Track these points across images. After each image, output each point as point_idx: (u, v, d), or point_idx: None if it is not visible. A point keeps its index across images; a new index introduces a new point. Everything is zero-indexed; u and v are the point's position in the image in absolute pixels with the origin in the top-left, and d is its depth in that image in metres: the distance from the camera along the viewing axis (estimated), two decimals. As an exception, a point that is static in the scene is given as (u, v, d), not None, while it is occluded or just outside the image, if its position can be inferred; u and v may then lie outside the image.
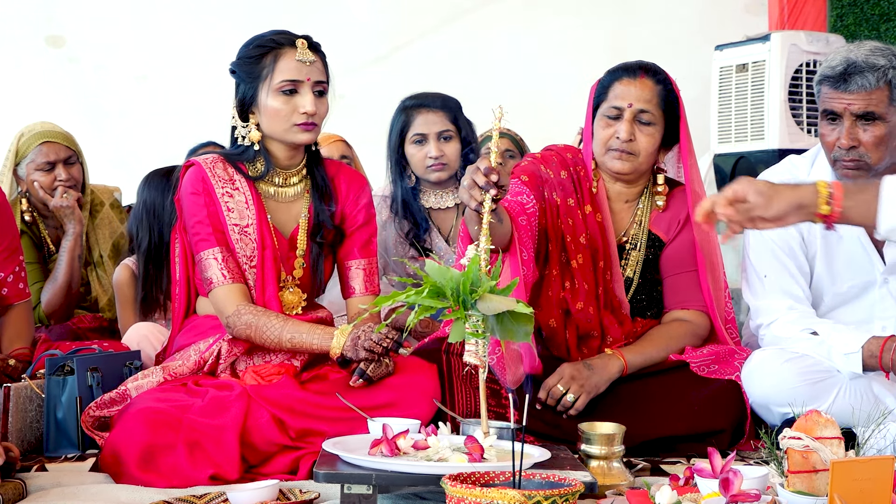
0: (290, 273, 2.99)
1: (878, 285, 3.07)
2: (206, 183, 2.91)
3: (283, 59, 2.90)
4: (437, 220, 3.86)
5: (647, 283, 3.22)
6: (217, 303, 2.89)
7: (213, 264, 2.88)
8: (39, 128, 4.01)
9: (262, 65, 2.91)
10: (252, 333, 2.84)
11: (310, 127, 2.92)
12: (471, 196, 2.49)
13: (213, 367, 2.90)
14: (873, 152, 2.93)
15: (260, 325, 2.83)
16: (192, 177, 2.94)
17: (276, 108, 2.90)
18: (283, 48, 2.91)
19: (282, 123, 2.91)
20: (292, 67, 2.89)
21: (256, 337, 2.84)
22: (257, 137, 2.95)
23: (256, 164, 2.98)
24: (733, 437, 3.00)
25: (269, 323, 2.84)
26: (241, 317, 2.84)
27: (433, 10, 6.43)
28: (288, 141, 2.94)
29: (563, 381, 2.95)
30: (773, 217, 2.53)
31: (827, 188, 2.53)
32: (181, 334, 3.02)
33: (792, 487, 2.13)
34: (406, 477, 2.25)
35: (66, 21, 6.27)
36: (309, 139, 2.95)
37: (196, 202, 2.91)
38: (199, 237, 2.90)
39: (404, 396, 2.78)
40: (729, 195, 2.54)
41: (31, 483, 2.51)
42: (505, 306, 2.20)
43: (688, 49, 5.73)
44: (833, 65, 2.94)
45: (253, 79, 2.93)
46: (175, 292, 3.07)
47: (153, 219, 3.78)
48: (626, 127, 3.09)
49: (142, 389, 2.85)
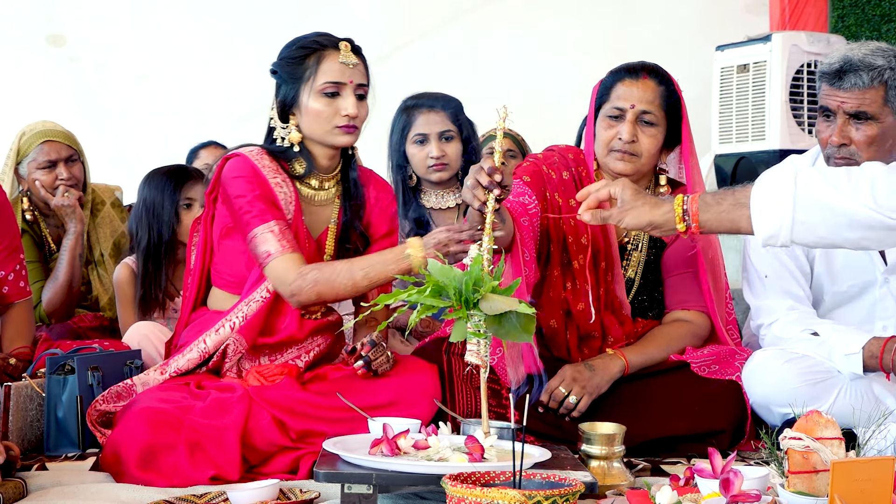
0: None
1: (878, 285, 3.07)
2: (256, 169, 2.89)
3: (326, 61, 2.89)
4: (438, 220, 3.86)
5: (649, 283, 3.22)
6: (277, 273, 2.82)
7: (270, 237, 2.83)
8: (41, 127, 4.01)
9: (304, 66, 2.90)
10: (322, 288, 2.79)
11: (351, 129, 2.91)
12: (474, 196, 2.49)
13: (217, 363, 2.89)
14: (864, 151, 2.93)
15: (328, 275, 2.79)
16: (239, 164, 2.90)
17: (317, 109, 2.89)
18: (327, 50, 2.89)
19: (323, 125, 2.90)
20: (335, 69, 2.88)
21: (328, 289, 2.79)
22: (297, 139, 2.93)
23: (295, 164, 2.96)
24: (734, 438, 3.00)
25: (336, 269, 2.80)
26: (305, 276, 2.79)
27: (434, 10, 6.43)
28: (328, 143, 2.93)
29: (565, 383, 2.95)
30: (624, 227, 2.65)
31: (682, 206, 2.58)
32: (189, 329, 3.02)
33: (792, 488, 2.13)
34: (406, 477, 2.25)
35: (67, 20, 6.28)
36: (349, 141, 2.94)
37: (246, 184, 2.87)
38: (252, 214, 2.85)
39: (405, 396, 2.78)
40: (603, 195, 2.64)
41: (32, 482, 2.51)
42: (507, 306, 2.20)
43: (689, 49, 5.73)
44: (831, 62, 2.95)
45: (295, 80, 2.91)
46: (187, 282, 3.07)
47: (153, 218, 3.78)
48: (629, 128, 3.09)
49: (148, 385, 2.85)
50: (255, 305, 2.89)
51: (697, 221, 2.57)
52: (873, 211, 2.45)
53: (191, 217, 3.78)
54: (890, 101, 2.90)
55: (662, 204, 2.61)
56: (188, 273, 3.07)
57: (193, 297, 3.05)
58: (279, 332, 2.92)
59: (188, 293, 3.06)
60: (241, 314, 2.89)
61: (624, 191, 2.63)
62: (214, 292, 3.04)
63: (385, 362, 2.82)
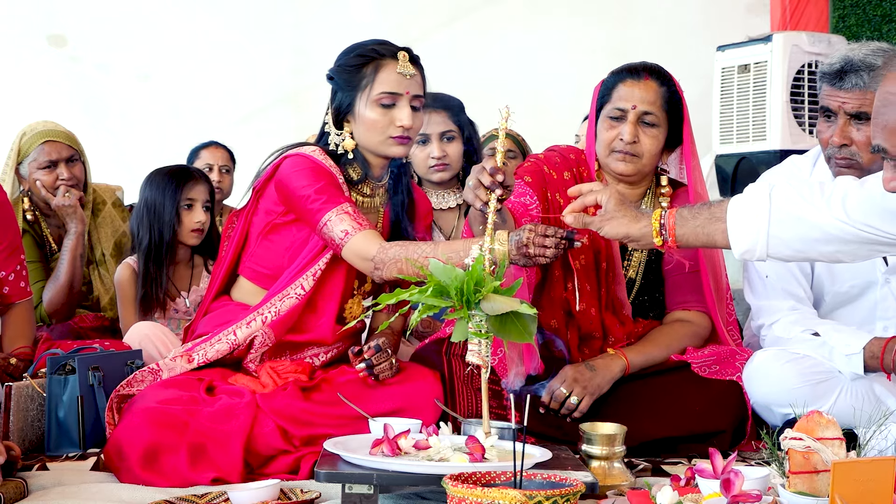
0: (363, 284, 2.99)
1: (879, 285, 3.07)
2: (320, 164, 2.87)
3: (383, 71, 2.86)
4: (438, 221, 3.86)
5: (650, 284, 3.22)
6: (358, 248, 2.78)
7: (346, 217, 2.80)
8: (41, 127, 4.01)
9: (361, 74, 2.88)
10: (405, 267, 2.73)
11: (405, 140, 2.89)
12: (476, 196, 2.48)
13: (242, 353, 2.89)
14: (865, 152, 2.93)
15: (411, 254, 2.74)
16: (301, 160, 2.88)
17: (373, 119, 2.87)
18: (385, 59, 2.87)
19: (377, 135, 2.88)
20: (393, 80, 2.86)
21: (408, 267, 2.72)
22: (351, 146, 2.92)
23: (350, 171, 2.95)
24: (734, 438, 3.00)
25: (420, 249, 2.75)
26: (387, 252, 2.75)
27: (435, 10, 6.44)
28: (381, 153, 2.92)
29: (566, 384, 2.94)
30: (604, 235, 2.69)
31: (659, 220, 2.62)
32: (209, 317, 3.02)
33: (793, 488, 2.13)
34: (407, 477, 2.25)
35: (68, 20, 6.28)
36: (403, 153, 2.92)
37: (311, 174, 2.85)
38: (322, 201, 2.83)
39: (409, 404, 2.78)
40: (589, 201, 2.67)
41: (33, 482, 2.51)
42: (509, 307, 2.20)
43: (689, 49, 5.73)
44: (832, 62, 2.95)
45: (351, 88, 2.89)
46: (215, 271, 3.09)
47: (154, 218, 3.78)
48: (630, 129, 3.09)
49: (174, 371, 2.85)
50: (290, 302, 2.88)
51: (674, 236, 2.61)
52: (846, 224, 2.49)
53: (191, 217, 3.78)
54: None
55: (641, 217, 2.65)
56: (218, 262, 3.08)
57: (218, 286, 3.05)
58: (310, 332, 2.93)
59: (213, 281, 3.07)
60: (273, 309, 2.87)
61: (609, 200, 2.66)
62: (241, 283, 3.04)
63: (387, 369, 2.82)
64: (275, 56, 6.29)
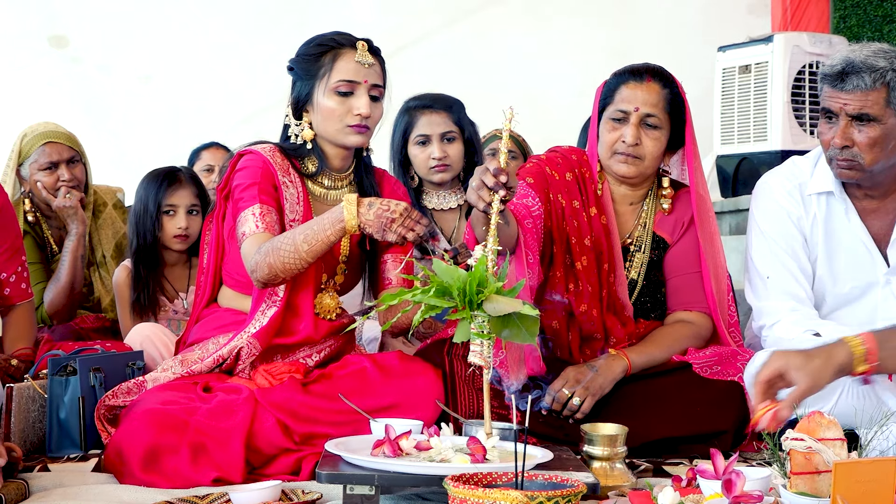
0: (332, 277, 2.98)
1: (880, 286, 3.07)
2: (267, 164, 2.87)
3: (341, 59, 2.88)
4: (439, 221, 3.86)
5: (652, 285, 3.21)
6: (244, 253, 2.79)
7: (251, 218, 2.80)
8: (42, 128, 4.01)
9: (320, 63, 2.89)
10: (272, 259, 2.72)
11: (362, 129, 2.89)
12: (479, 197, 2.48)
13: (230, 365, 2.89)
14: (867, 153, 2.93)
15: (275, 244, 2.72)
16: (250, 159, 2.89)
17: (330, 107, 2.88)
18: (344, 48, 2.88)
19: (335, 124, 2.89)
20: (351, 68, 2.87)
21: (276, 260, 2.72)
22: (310, 136, 2.93)
23: (307, 163, 2.96)
24: (736, 439, 2.99)
25: (282, 238, 2.73)
26: (260, 251, 2.75)
27: (436, 11, 6.45)
28: (339, 142, 2.92)
29: (568, 385, 2.94)
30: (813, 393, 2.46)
31: (861, 346, 2.51)
32: (200, 325, 3.02)
33: (794, 489, 2.13)
34: (408, 478, 2.26)
35: (69, 21, 6.29)
36: (360, 142, 2.92)
37: (250, 174, 2.85)
38: (244, 200, 2.84)
39: (408, 399, 2.78)
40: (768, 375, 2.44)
41: (34, 483, 2.51)
42: (511, 308, 2.20)
43: (690, 50, 5.74)
44: (833, 63, 2.95)
45: (310, 77, 2.90)
46: (199, 280, 3.07)
47: (139, 221, 3.77)
48: (633, 131, 3.08)
49: (158, 382, 2.85)
50: (272, 311, 2.86)
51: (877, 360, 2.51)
52: None
53: (173, 224, 3.76)
54: (892, 103, 2.90)
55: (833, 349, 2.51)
56: (201, 271, 3.07)
57: (207, 295, 3.04)
58: (297, 334, 2.91)
59: (201, 291, 3.06)
60: (257, 324, 2.87)
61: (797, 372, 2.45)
62: (225, 291, 3.04)
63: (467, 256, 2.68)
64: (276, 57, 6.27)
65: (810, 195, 3.09)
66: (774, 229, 3.10)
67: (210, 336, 2.95)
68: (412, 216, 2.68)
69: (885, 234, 3.05)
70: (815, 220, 3.08)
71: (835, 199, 3.07)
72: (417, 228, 2.67)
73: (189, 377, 2.86)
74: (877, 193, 3.04)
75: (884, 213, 3.06)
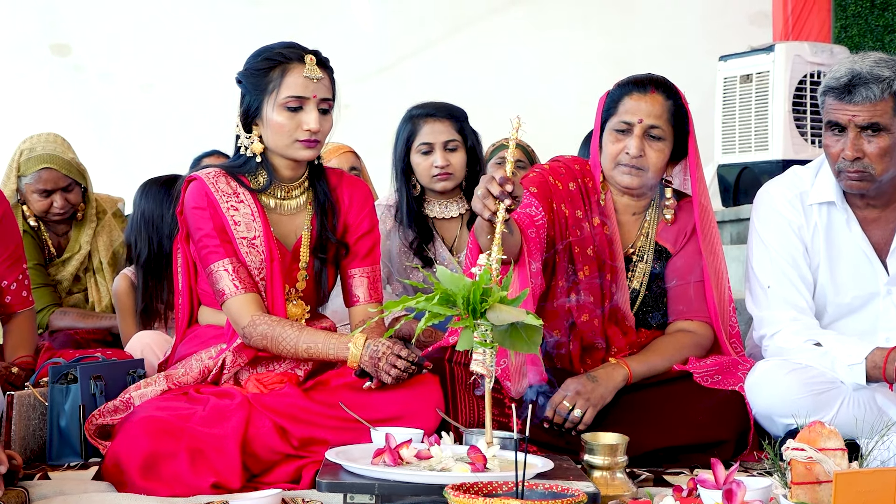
0: (294, 286, 2.99)
1: (881, 296, 3.07)
2: (210, 197, 2.90)
3: (290, 75, 2.87)
4: (441, 230, 3.86)
5: (654, 295, 3.21)
6: (231, 314, 2.87)
7: (224, 276, 2.86)
8: (41, 148, 3.99)
9: (268, 78, 2.89)
10: (269, 344, 2.83)
11: (312, 144, 2.90)
12: (484, 206, 2.48)
13: (216, 377, 2.90)
14: (878, 163, 2.93)
15: (276, 336, 2.82)
16: (195, 192, 2.91)
17: (279, 122, 2.88)
18: (291, 63, 2.88)
19: (284, 139, 2.89)
20: (299, 84, 2.87)
21: (273, 347, 2.83)
22: (259, 149, 2.93)
23: (258, 176, 2.96)
24: (737, 448, 2.99)
25: (285, 333, 2.82)
26: (256, 328, 2.83)
27: (438, 20, 6.46)
28: (289, 156, 2.93)
29: (569, 398, 2.94)
30: None
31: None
32: (182, 344, 3.02)
33: (795, 499, 2.13)
34: (409, 487, 2.25)
35: (72, 29, 6.30)
36: (310, 156, 2.93)
37: (201, 216, 2.89)
38: (208, 250, 2.88)
39: (409, 409, 2.77)
40: None
41: (34, 491, 2.50)
42: (515, 317, 2.20)
43: (692, 59, 5.75)
44: (837, 76, 2.94)
45: (259, 91, 2.90)
46: (178, 302, 3.06)
47: (152, 229, 3.76)
48: (636, 143, 3.08)
49: (145, 398, 2.85)
50: None
51: None
52: None
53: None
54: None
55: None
56: (177, 293, 3.06)
57: (187, 317, 3.05)
58: None
59: (181, 314, 3.05)
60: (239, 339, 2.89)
61: None
62: (203, 310, 3.05)
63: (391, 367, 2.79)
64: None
65: (811, 205, 3.09)
66: (775, 239, 3.10)
67: (193, 353, 2.96)
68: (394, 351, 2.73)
69: (885, 244, 3.05)
70: (816, 229, 3.08)
71: (836, 209, 3.07)
72: (393, 372, 2.72)
73: (178, 388, 2.87)
74: (879, 203, 3.05)
75: (885, 223, 3.06)
